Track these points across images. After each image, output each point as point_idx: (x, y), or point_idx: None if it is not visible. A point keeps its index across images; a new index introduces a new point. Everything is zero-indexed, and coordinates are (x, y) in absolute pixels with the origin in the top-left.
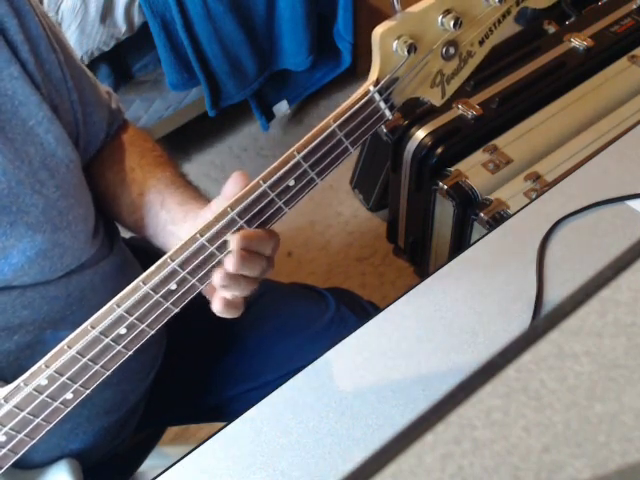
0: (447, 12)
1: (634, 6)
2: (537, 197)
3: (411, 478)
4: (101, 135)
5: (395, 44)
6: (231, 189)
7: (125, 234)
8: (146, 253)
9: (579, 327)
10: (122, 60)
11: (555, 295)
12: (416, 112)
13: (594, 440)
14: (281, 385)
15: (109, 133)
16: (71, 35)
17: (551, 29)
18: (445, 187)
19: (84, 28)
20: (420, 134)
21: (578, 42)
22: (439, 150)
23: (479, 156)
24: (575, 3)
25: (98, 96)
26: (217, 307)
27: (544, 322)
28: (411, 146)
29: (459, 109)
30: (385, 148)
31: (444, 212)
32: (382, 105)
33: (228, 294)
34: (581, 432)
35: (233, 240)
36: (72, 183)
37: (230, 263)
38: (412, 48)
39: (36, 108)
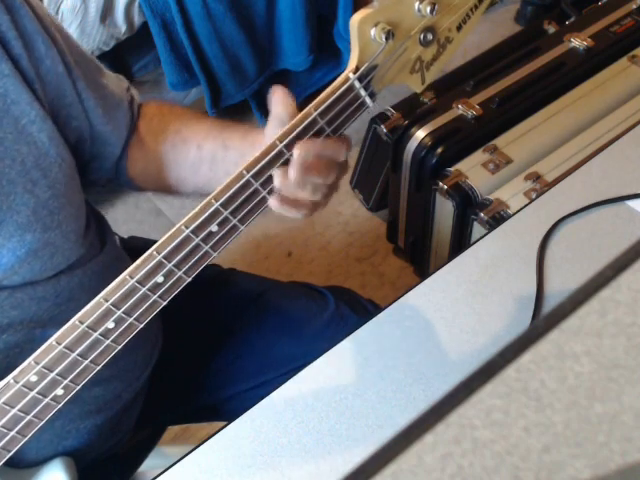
0: None
1: (634, 6)
2: (537, 197)
3: (411, 478)
4: (127, 115)
5: (373, 31)
6: (278, 109)
7: (124, 235)
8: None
9: (579, 327)
10: (122, 60)
11: (555, 295)
12: (416, 112)
13: (594, 440)
14: (280, 384)
15: (133, 114)
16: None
17: (551, 29)
18: (445, 187)
19: (84, 28)
20: (420, 134)
21: (578, 42)
22: (439, 150)
23: (479, 156)
24: (575, 3)
25: (108, 77)
26: (273, 203)
27: (544, 322)
28: (411, 146)
29: (459, 109)
30: (385, 148)
31: (444, 212)
32: (362, 92)
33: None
34: (581, 432)
35: (296, 150)
36: (63, 182)
37: (292, 171)
38: (390, 35)
39: (28, 106)
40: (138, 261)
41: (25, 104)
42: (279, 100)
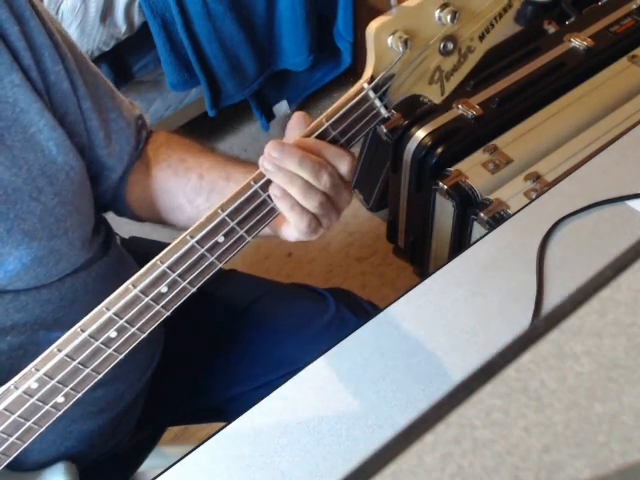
0: (444, 6)
1: (634, 6)
2: (537, 197)
3: (411, 478)
4: (131, 142)
5: (390, 40)
6: (293, 133)
7: (125, 235)
8: (146, 255)
9: (579, 327)
10: (122, 60)
11: (555, 295)
12: (416, 112)
13: (594, 440)
14: (281, 385)
15: (140, 139)
16: (71, 35)
17: (551, 29)
18: (445, 187)
19: (84, 28)
20: (420, 134)
21: (578, 42)
22: (439, 150)
23: (479, 156)
24: (575, 3)
25: (119, 102)
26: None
27: (544, 322)
28: (411, 146)
29: (459, 109)
30: (385, 148)
31: (444, 212)
32: (377, 103)
33: (294, 206)
34: (581, 432)
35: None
36: (71, 190)
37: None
38: (408, 44)
39: (37, 115)
40: (142, 270)
41: (34, 113)
42: (295, 125)
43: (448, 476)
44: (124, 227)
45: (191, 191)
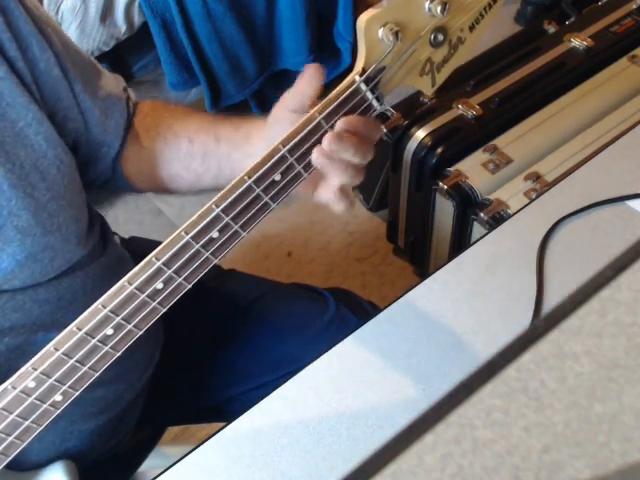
0: None
1: (634, 6)
2: (537, 197)
3: (411, 478)
4: (124, 116)
5: (381, 32)
6: (305, 85)
7: (124, 235)
8: (145, 255)
9: (579, 327)
10: (122, 60)
11: (555, 295)
12: (416, 112)
13: (594, 440)
14: (281, 385)
15: (130, 113)
16: (71, 35)
17: (551, 29)
18: (445, 187)
19: (84, 28)
20: (420, 134)
21: (578, 42)
22: (439, 150)
23: (479, 156)
24: (575, 3)
25: (106, 78)
26: (326, 195)
27: (544, 322)
28: (411, 146)
29: (459, 109)
30: (385, 148)
31: (444, 212)
32: (369, 95)
33: (332, 179)
34: (581, 432)
35: (339, 121)
36: (63, 184)
37: (326, 140)
38: (398, 35)
39: (24, 109)
40: (137, 267)
41: (21, 107)
42: (307, 76)
43: (448, 476)
44: (122, 227)
45: (185, 157)
